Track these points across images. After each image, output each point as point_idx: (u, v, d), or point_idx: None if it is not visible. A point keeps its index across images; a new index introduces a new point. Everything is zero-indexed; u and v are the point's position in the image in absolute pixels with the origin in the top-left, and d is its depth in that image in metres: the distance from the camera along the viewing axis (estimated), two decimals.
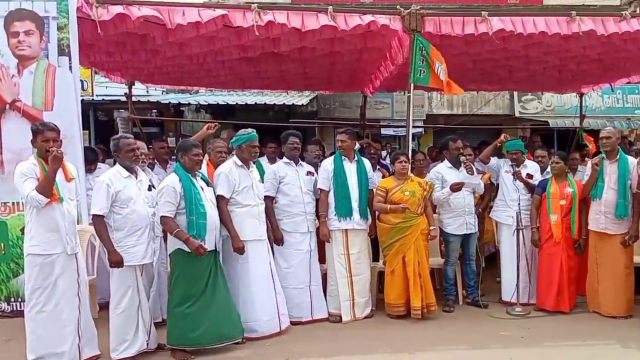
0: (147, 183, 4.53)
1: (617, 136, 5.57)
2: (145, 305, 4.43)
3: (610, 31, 5.45)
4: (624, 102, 13.74)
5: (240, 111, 11.89)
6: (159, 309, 4.97)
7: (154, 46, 5.96)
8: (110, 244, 4.22)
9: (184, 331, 4.40)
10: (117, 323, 4.31)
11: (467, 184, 5.60)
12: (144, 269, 4.42)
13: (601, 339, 4.81)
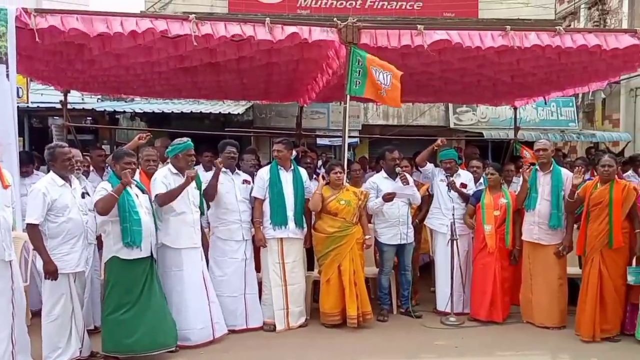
0: (80, 190, 4.65)
1: (552, 148, 6.00)
2: (79, 312, 4.54)
3: (545, 45, 5.81)
4: (558, 115, 14.63)
5: (175, 119, 11.98)
6: (92, 317, 5.09)
7: (91, 56, 6.05)
8: (46, 253, 4.30)
9: (118, 338, 4.51)
10: (49, 330, 4.40)
11: (399, 194, 5.88)
12: (77, 276, 4.53)
13: (534, 349, 5.14)
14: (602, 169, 5.37)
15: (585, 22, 15.94)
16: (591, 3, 15.97)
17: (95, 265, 5.05)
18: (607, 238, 5.26)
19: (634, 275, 5.22)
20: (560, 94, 9.25)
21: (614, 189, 5.28)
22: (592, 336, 5.25)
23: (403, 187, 5.88)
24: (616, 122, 15.16)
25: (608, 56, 6.35)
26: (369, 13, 11.70)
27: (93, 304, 5.12)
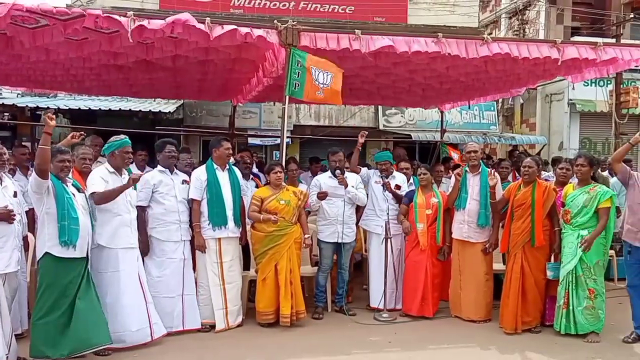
0: (12, 189, 4.49)
1: (481, 150, 6.33)
2: (7, 316, 4.36)
3: (472, 54, 6.08)
4: (481, 118, 15.37)
5: (102, 117, 11.58)
6: (19, 321, 4.89)
7: (20, 50, 5.79)
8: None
9: (49, 342, 4.38)
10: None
11: (331, 193, 6.05)
12: (7, 278, 4.37)
13: (463, 343, 5.41)
14: (524, 170, 5.76)
15: (506, 31, 16.83)
16: (511, 13, 16.89)
17: (22, 268, 4.81)
18: (530, 236, 5.64)
19: (553, 271, 5.64)
20: (483, 99, 9.76)
21: (536, 191, 5.66)
22: (515, 328, 5.61)
23: (338, 187, 6.04)
24: (533, 125, 16.13)
25: (530, 64, 6.79)
26: (302, 15, 11.83)
27: (21, 308, 4.90)
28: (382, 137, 14.17)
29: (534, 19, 16.03)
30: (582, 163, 5.54)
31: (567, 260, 5.48)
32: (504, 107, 16.53)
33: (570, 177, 6.01)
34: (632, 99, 11.87)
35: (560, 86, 14.45)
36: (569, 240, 5.51)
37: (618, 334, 5.52)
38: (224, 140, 5.84)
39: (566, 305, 5.46)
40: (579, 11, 15.84)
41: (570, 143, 15.09)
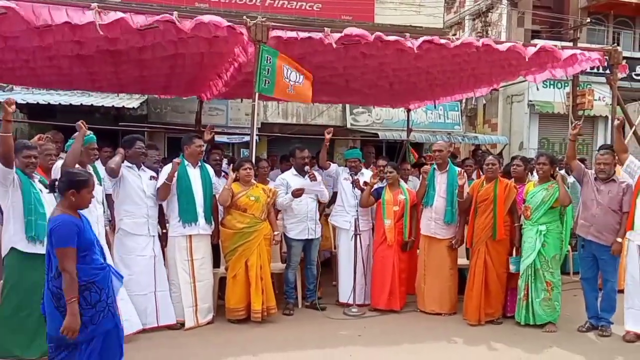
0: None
1: (447, 149, 6.51)
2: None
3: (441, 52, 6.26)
4: (445, 118, 15.66)
5: (62, 112, 11.26)
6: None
7: None
8: None
9: (19, 343, 4.32)
10: None
11: (307, 190, 6.12)
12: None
13: (430, 335, 5.57)
14: (487, 167, 5.98)
15: (470, 32, 17.19)
16: (475, 15, 17.26)
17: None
18: (492, 231, 5.86)
19: (515, 264, 5.86)
20: (450, 99, 9.98)
21: (497, 187, 5.88)
22: (478, 320, 5.84)
23: (311, 184, 6.12)
24: (494, 126, 16.53)
25: (494, 64, 7.00)
26: (269, 11, 11.83)
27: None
28: (350, 135, 14.30)
29: (497, 22, 16.44)
30: (543, 162, 5.80)
31: (527, 254, 5.72)
32: (467, 108, 16.89)
33: (521, 172, 6.29)
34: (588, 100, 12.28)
35: (520, 88, 14.87)
36: (528, 235, 5.75)
37: (573, 324, 5.79)
38: (196, 137, 5.85)
39: (526, 298, 5.70)
40: (539, 15, 16.31)
41: (529, 143, 15.54)
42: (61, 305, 3.30)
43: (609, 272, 5.60)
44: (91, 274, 3.38)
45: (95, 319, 3.40)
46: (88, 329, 3.37)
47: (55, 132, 6.53)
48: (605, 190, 5.53)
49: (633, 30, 17.77)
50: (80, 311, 3.31)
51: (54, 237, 3.28)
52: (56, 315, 3.33)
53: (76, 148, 4.77)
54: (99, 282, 3.42)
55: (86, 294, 3.36)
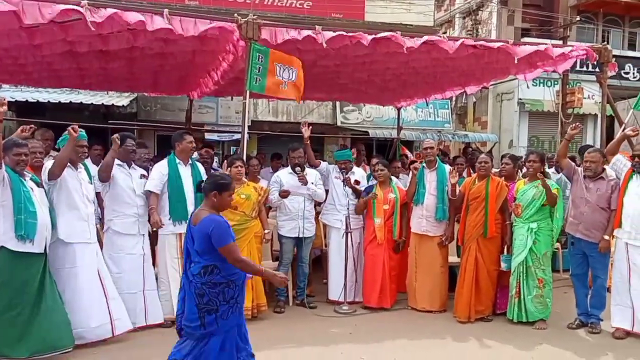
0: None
1: (437, 147, 6.54)
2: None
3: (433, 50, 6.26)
4: (435, 116, 15.71)
5: (51, 110, 11.20)
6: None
7: None
8: None
9: (8, 342, 4.29)
10: None
11: (293, 192, 6.14)
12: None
13: (421, 332, 5.60)
14: (479, 165, 6.02)
15: (460, 31, 17.27)
16: (465, 13, 17.34)
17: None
18: (483, 228, 5.90)
19: (506, 262, 5.91)
20: (439, 97, 10.02)
21: (489, 185, 5.92)
22: (468, 317, 5.88)
23: (299, 185, 6.15)
24: (484, 124, 16.64)
25: (484, 63, 7.04)
26: (260, 9, 11.81)
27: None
28: (340, 133, 14.32)
29: (487, 20, 16.52)
30: (534, 159, 5.85)
31: (518, 251, 5.76)
32: (457, 106, 16.97)
33: (511, 170, 6.35)
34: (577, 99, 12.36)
35: (510, 86, 14.96)
36: (519, 233, 5.80)
37: (563, 321, 5.85)
38: (187, 134, 5.84)
39: (518, 295, 5.75)
40: (529, 13, 16.41)
41: (519, 141, 15.65)
42: (202, 303, 3.52)
43: (598, 269, 5.66)
44: (233, 273, 3.58)
45: (226, 314, 3.58)
46: (219, 324, 3.56)
47: (45, 130, 6.48)
48: (593, 188, 5.59)
49: (622, 28, 17.93)
50: (216, 306, 3.53)
51: (215, 238, 3.47)
52: (194, 311, 3.55)
53: (64, 156, 4.75)
54: (237, 280, 3.62)
55: (226, 290, 3.56)
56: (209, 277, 3.51)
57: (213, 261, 3.51)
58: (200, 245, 3.52)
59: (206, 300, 3.51)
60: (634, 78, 15.97)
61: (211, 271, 3.51)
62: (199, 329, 3.54)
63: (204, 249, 3.51)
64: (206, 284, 3.51)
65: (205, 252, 3.51)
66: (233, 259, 3.49)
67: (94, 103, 11.48)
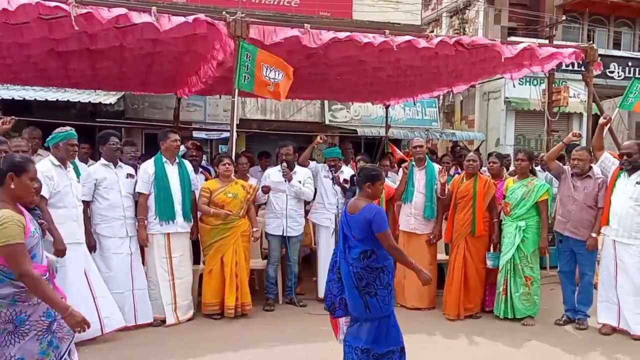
0: None
1: (426, 145, 6.55)
2: None
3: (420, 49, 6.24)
4: (423, 115, 15.74)
5: (38, 108, 11.07)
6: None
7: None
8: None
9: None
10: None
11: (274, 188, 6.14)
12: None
13: (410, 330, 5.48)
14: (468, 164, 6.03)
15: (447, 30, 17.32)
16: (452, 12, 17.39)
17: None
18: (471, 226, 5.91)
19: (492, 260, 5.93)
20: (427, 95, 10.04)
21: (477, 183, 5.93)
22: (457, 314, 5.89)
23: (281, 182, 6.13)
24: (471, 122, 16.69)
25: (471, 62, 7.06)
26: (248, 7, 11.74)
27: None
28: (328, 132, 14.30)
29: (474, 19, 16.58)
30: (522, 158, 5.87)
31: (506, 249, 5.78)
32: (444, 104, 17.01)
33: (498, 169, 6.38)
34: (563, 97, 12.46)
35: (497, 85, 15.02)
36: (508, 231, 5.82)
37: (551, 317, 5.88)
38: (171, 132, 5.80)
39: (505, 292, 5.77)
40: (515, 12, 16.49)
41: (506, 139, 15.72)
42: (361, 286, 3.80)
43: (586, 266, 5.70)
44: (387, 259, 3.86)
45: (387, 299, 3.86)
46: (383, 309, 3.83)
47: (33, 128, 6.42)
48: (581, 186, 5.62)
49: (607, 28, 18.08)
50: (375, 290, 3.80)
51: (376, 223, 3.75)
52: (355, 295, 3.83)
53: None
54: (389, 267, 3.89)
55: (381, 276, 3.83)
56: (367, 261, 3.80)
57: (371, 246, 3.80)
58: (359, 231, 3.81)
59: (364, 283, 3.80)
60: (619, 77, 16.11)
61: (369, 256, 3.80)
62: (365, 312, 3.83)
63: (363, 235, 3.80)
64: (365, 268, 3.80)
65: (364, 238, 3.80)
66: (389, 245, 3.79)
67: (81, 101, 11.35)
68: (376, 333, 3.85)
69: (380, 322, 3.86)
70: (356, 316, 3.91)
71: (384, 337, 3.88)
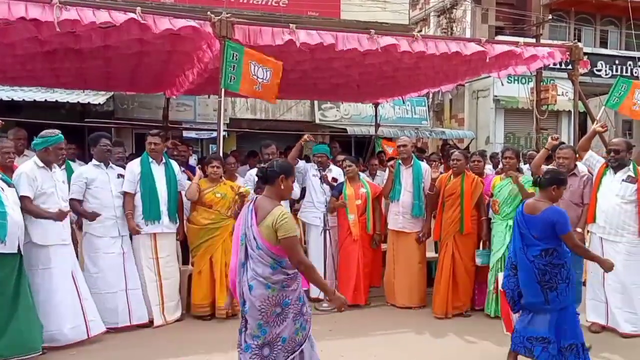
0: None
1: (411, 144, 6.52)
2: None
3: (404, 50, 6.23)
4: (413, 113, 15.74)
5: (26, 108, 10.95)
6: None
7: None
8: None
9: None
10: None
11: None
12: None
13: (399, 328, 5.57)
14: (452, 163, 5.99)
15: (435, 29, 17.31)
16: (440, 11, 17.39)
17: None
18: (459, 225, 5.88)
19: (481, 257, 5.90)
20: (415, 94, 10.02)
21: (464, 181, 5.90)
22: (445, 313, 5.86)
23: None
24: (461, 120, 16.71)
25: (458, 62, 7.03)
26: (235, 7, 11.65)
27: None
28: (319, 131, 14.27)
29: (461, 18, 16.58)
30: (509, 156, 5.85)
31: (497, 248, 5.75)
32: (434, 103, 17.02)
33: (482, 167, 6.40)
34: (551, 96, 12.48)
35: (486, 83, 15.03)
36: (498, 230, 5.79)
37: None
38: (149, 134, 5.72)
39: (496, 290, 5.72)
40: (502, 11, 16.52)
41: (496, 137, 15.74)
42: (543, 281, 4.05)
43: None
44: (566, 256, 4.11)
45: (565, 292, 4.08)
46: (561, 301, 4.07)
47: (18, 129, 6.33)
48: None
49: (594, 27, 18.14)
50: (556, 284, 4.05)
51: (560, 225, 4.01)
52: (535, 287, 4.08)
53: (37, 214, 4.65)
54: (568, 262, 4.13)
55: (562, 271, 4.07)
56: (549, 258, 4.04)
57: (553, 245, 4.04)
58: (540, 231, 4.07)
59: (547, 278, 4.05)
60: (606, 75, 16.18)
61: (551, 253, 4.04)
62: (544, 304, 4.07)
63: (544, 234, 4.04)
64: (548, 265, 4.05)
65: (545, 237, 4.04)
66: (573, 244, 4.06)
67: (70, 101, 11.27)
68: (556, 324, 4.08)
69: (560, 314, 4.09)
70: (531, 307, 4.16)
71: (563, 329, 4.09)
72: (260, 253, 3.24)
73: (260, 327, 3.26)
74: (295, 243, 3.25)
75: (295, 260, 3.25)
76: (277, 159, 3.72)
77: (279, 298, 3.27)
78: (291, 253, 3.24)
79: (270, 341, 3.26)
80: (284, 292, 3.28)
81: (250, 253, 3.28)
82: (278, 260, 3.25)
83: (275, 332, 3.28)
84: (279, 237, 3.19)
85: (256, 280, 3.24)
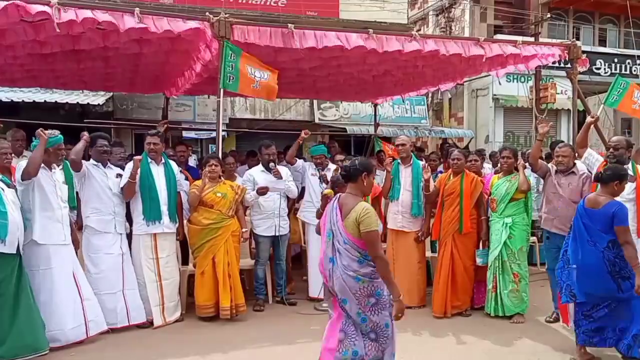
0: None
1: (410, 143, 6.51)
2: None
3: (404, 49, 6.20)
4: (412, 113, 15.70)
5: (26, 109, 10.92)
6: None
7: None
8: None
9: None
10: None
11: (272, 188, 6.05)
12: None
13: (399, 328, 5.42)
14: (452, 162, 5.99)
15: (434, 28, 17.29)
16: (438, 10, 17.37)
17: None
18: (458, 224, 5.88)
19: (482, 257, 5.90)
20: (415, 94, 10.00)
21: (464, 181, 5.90)
22: (444, 312, 5.85)
23: (276, 181, 6.05)
24: (460, 119, 16.67)
25: (457, 60, 7.02)
26: (234, 7, 11.64)
27: None
28: (318, 130, 14.24)
29: (460, 17, 16.56)
30: (507, 155, 5.85)
31: (494, 246, 5.75)
32: (433, 102, 16.98)
33: (480, 167, 6.42)
34: (550, 94, 12.49)
35: (485, 82, 15.00)
36: (495, 228, 5.79)
37: (540, 314, 5.85)
38: (148, 135, 5.73)
39: (495, 289, 5.75)
40: (501, 10, 16.48)
41: (495, 136, 15.70)
42: (614, 271, 4.24)
43: None
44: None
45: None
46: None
47: (16, 130, 6.32)
48: (565, 183, 5.59)
49: (593, 25, 18.11)
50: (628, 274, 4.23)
51: (618, 217, 4.20)
52: (607, 278, 4.27)
53: (37, 156, 4.63)
54: None
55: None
56: (618, 250, 4.21)
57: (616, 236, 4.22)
58: (602, 224, 4.26)
59: (618, 268, 4.22)
60: (605, 73, 16.14)
61: (619, 245, 4.21)
62: (617, 292, 4.27)
63: (606, 227, 4.24)
64: (617, 256, 4.21)
65: (609, 229, 4.23)
66: (625, 239, 4.18)
67: (69, 102, 11.24)
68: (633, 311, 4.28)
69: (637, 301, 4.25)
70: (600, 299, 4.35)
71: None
72: (347, 247, 3.45)
73: (359, 315, 3.51)
74: (376, 237, 3.43)
75: (374, 254, 3.43)
76: (357, 157, 3.82)
77: (370, 289, 3.48)
78: (371, 246, 3.42)
79: (372, 329, 3.54)
80: (375, 283, 3.48)
81: (337, 247, 3.50)
82: (364, 253, 3.45)
83: (373, 320, 3.51)
84: (361, 231, 3.38)
85: (346, 273, 3.46)
